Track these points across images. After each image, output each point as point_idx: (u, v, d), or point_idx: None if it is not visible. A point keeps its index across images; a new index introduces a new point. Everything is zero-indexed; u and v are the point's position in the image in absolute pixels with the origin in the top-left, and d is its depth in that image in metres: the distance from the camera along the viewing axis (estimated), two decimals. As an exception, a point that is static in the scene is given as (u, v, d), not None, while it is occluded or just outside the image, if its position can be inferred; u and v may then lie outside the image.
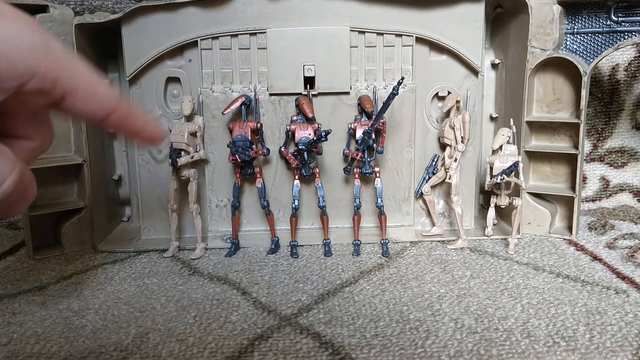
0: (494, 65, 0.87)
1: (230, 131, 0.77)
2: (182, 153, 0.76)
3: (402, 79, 0.73)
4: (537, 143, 0.84)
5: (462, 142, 0.77)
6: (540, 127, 0.83)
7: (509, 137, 0.77)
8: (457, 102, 0.78)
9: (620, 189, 0.99)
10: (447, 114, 0.79)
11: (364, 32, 0.77)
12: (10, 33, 0.26)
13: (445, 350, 0.50)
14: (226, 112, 0.75)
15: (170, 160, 0.76)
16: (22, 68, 0.26)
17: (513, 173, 0.75)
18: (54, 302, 0.63)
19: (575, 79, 0.78)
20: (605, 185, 0.99)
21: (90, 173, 0.80)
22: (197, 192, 0.78)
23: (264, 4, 0.76)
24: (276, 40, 0.77)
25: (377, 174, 0.77)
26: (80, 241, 0.81)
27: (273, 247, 0.78)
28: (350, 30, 0.77)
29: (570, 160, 0.82)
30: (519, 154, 0.77)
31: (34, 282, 0.69)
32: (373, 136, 0.75)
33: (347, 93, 0.78)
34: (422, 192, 0.82)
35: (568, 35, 0.77)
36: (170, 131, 0.76)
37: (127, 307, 0.61)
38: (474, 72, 0.81)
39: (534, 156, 0.84)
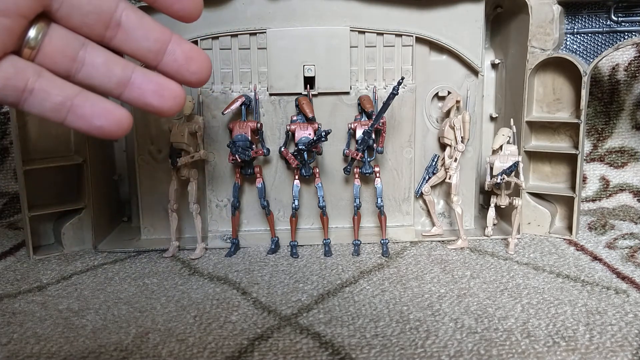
0: (494, 65, 0.87)
1: (230, 131, 0.77)
2: (182, 153, 0.76)
3: (402, 79, 0.73)
4: (537, 143, 0.84)
5: (462, 142, 0.77)
6: (540, 127, 0.83)
7: (509, 137, 0.77)
8: (457, 102, 0.78)
9: (620, 189, 0.99)
10: (447, 114, 0.79)
11: (364, 32, 0.77)
12: None
13: (445, 350, 0.50)
14: (226, 112, 0.75)
15: (170, 160, 0.76)
16: None
17: (513, 173, 0.75)
18: (54, 302, 0.63)
19: (575, 79, 0.78)
20: (605, 185, 0.99)
21: (90, 173, 0.80)
22: (197, 192, 0.78)
23: (264, 4, 0.76)
24: (276, 40, 0.77)
25: (377, 174, 0.77)
26: (80, 241, 0.81)
27: (273, 247, 0.78)
28: (350, 30, 0.77)
29: (570, 160, 0.82)
30: (519, 154, 0.77)
31: (34, 282, 0.69)
32: (373, 136, 0.75)
33: (347, 93, 0.78)
34: (422, 192, 0.82)
35: (568, 35, 0.77)
36: (170, 131, 0.76)
37: (127, 307, 0.61)
38: (474, 72, 0.81)
39: (534, 156, 0.84)
